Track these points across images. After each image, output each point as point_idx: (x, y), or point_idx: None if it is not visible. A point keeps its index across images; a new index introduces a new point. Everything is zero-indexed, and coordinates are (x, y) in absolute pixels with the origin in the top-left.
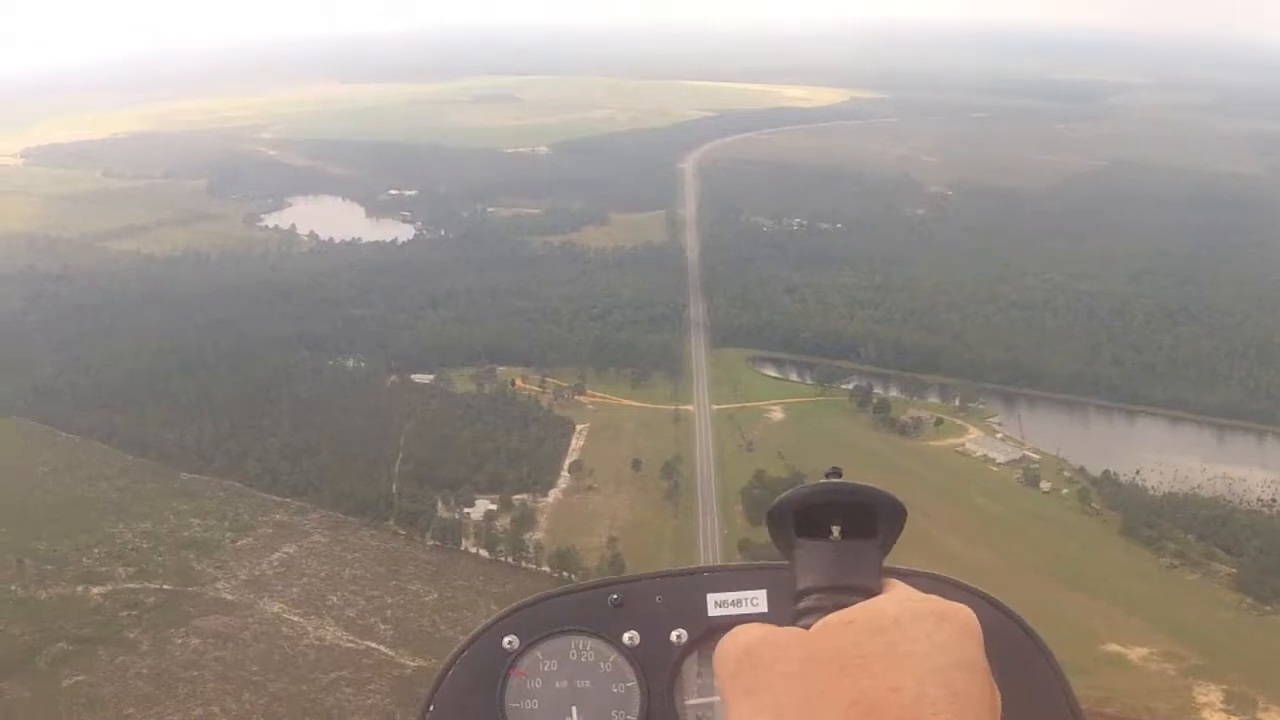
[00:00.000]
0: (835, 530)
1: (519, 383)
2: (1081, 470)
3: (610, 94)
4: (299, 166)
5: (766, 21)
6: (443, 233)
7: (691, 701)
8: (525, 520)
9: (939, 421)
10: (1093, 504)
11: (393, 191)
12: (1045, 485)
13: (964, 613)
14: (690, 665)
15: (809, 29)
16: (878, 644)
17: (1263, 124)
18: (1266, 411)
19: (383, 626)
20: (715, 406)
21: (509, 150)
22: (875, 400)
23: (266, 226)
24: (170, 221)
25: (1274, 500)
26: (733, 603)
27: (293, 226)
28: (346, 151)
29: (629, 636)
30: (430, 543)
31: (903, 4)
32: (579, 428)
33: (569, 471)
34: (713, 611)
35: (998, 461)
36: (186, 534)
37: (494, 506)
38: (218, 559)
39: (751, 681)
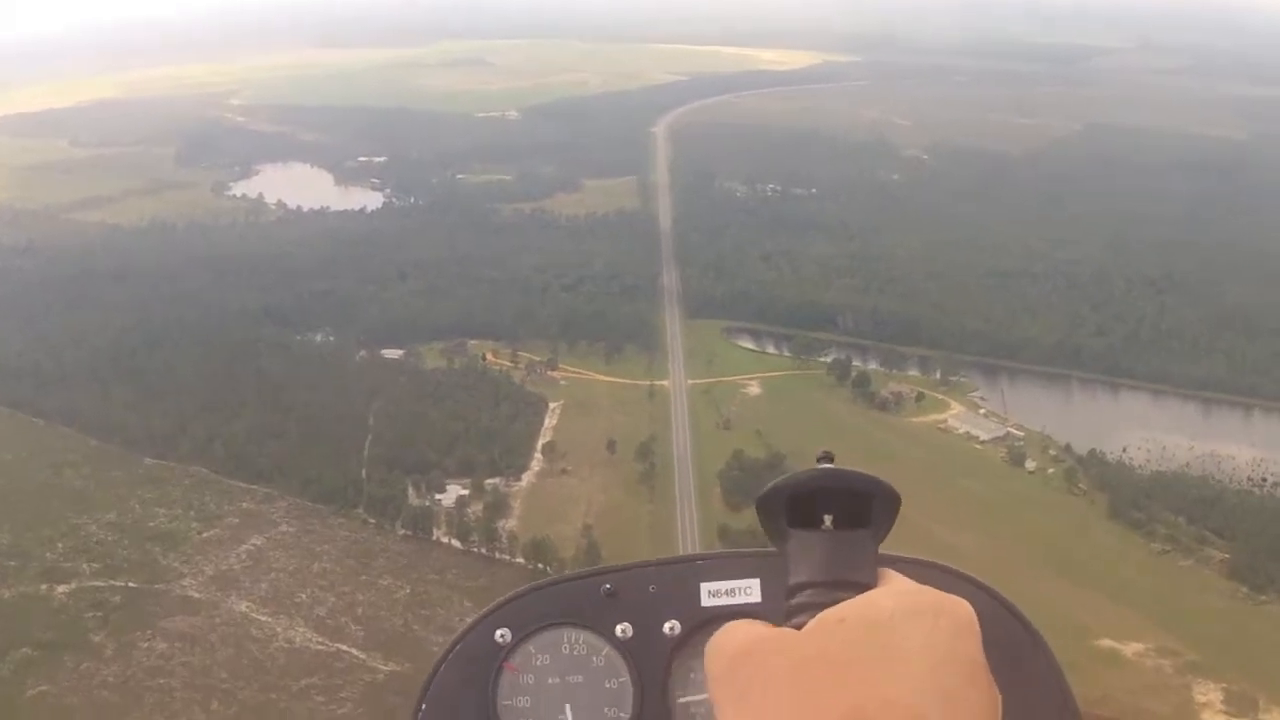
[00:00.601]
0: (827, 519)
1: (490, 357)
2: (1067, 448)
3: (582, 58)
4: (268, 133)
5: None
6: (412, 200)
7: (684, 699)
8: (498, 507)
9: (920, 397)
10: (1080, 484)
11: (362, 158)
12: (1030, 464)
13: (961, 607)
14: (683, 659)
15: None
16: (873, 645)
17: (1242, 87)
18: (1252, 385)
19: (354, 626)
20: (691, 381)
21: (480, 115)
22: (854, 374)
23: (235, 195)
24: (138, 191)
25: (1264, 479)
26: (726, 592)
27: (260, 195)
28: (316, 117)
29: (622, 629)
30: (401, 532)
31: None
32: (552, 405)
33: (542, 453)
34: (706, 602)
35: (981, 439)
36: (152, 525)
37: (466, 492)
38: (184, 553)
39: (743, 686)
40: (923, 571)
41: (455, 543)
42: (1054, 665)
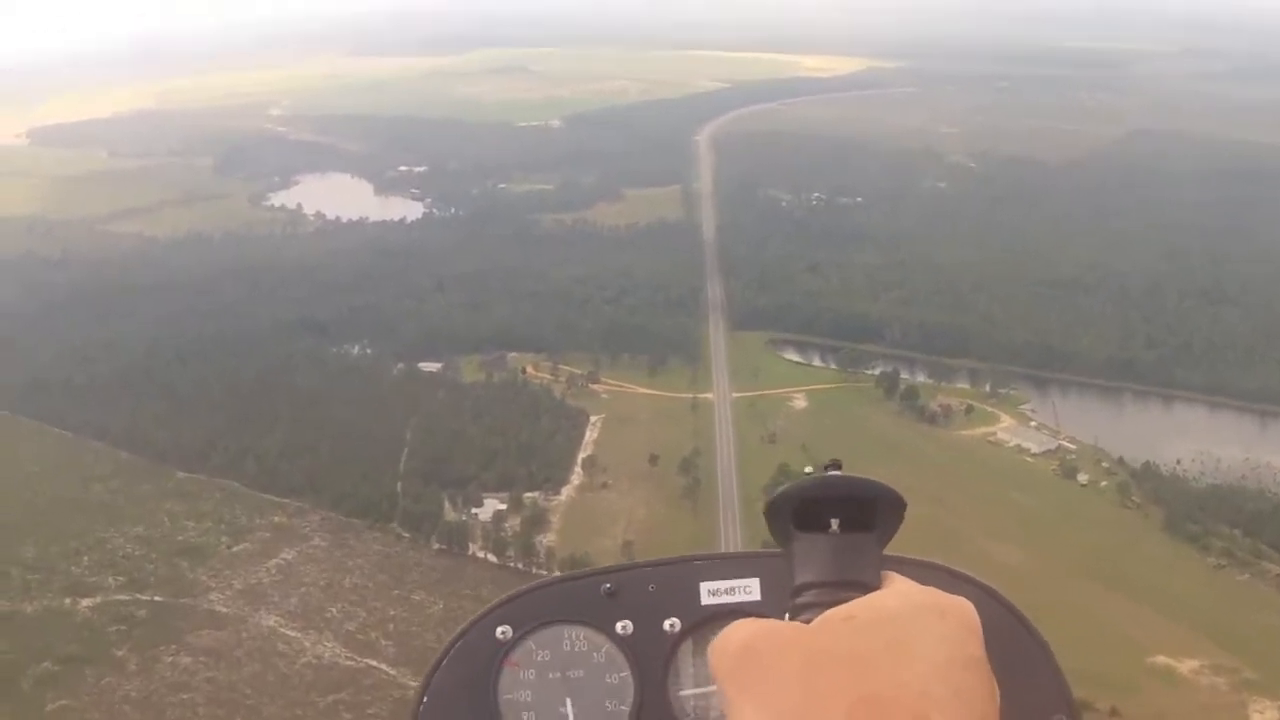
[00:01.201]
0: (834, 523)
1: (530, 370)
2: (1120, 461)
3: (623, 65)
4: (307, 143)
5: None
6: (452, 211)
7: (685, 692)
8: (536, 521)
9: (969, 409)
10: (1133, 497)
11: (402, 168)
12: (1083, 477)
13: (964, 606)
14: (684, 655)
15: None
16: (879, 640)
17: None
18: None
19: (384, 642)
20: (735, 394)
21: (521, 124)
22: (902, 387)
23: (273, 206)
24: (174, 202)
25: None
26: (726, 591)
27: (299, 206)
28: (356, 127)
29: (622, 626)
30: (436, 546)
31: None
32: (593, 419)
33: (582, 467)
34: (706, 600)
35: (1032, 452)
36: (180, 539)
37: (503, 506)
38: (212, 566)
39: (751, 679)
40: (926, 573)
41: (491, 557)
42: (1054, 665)
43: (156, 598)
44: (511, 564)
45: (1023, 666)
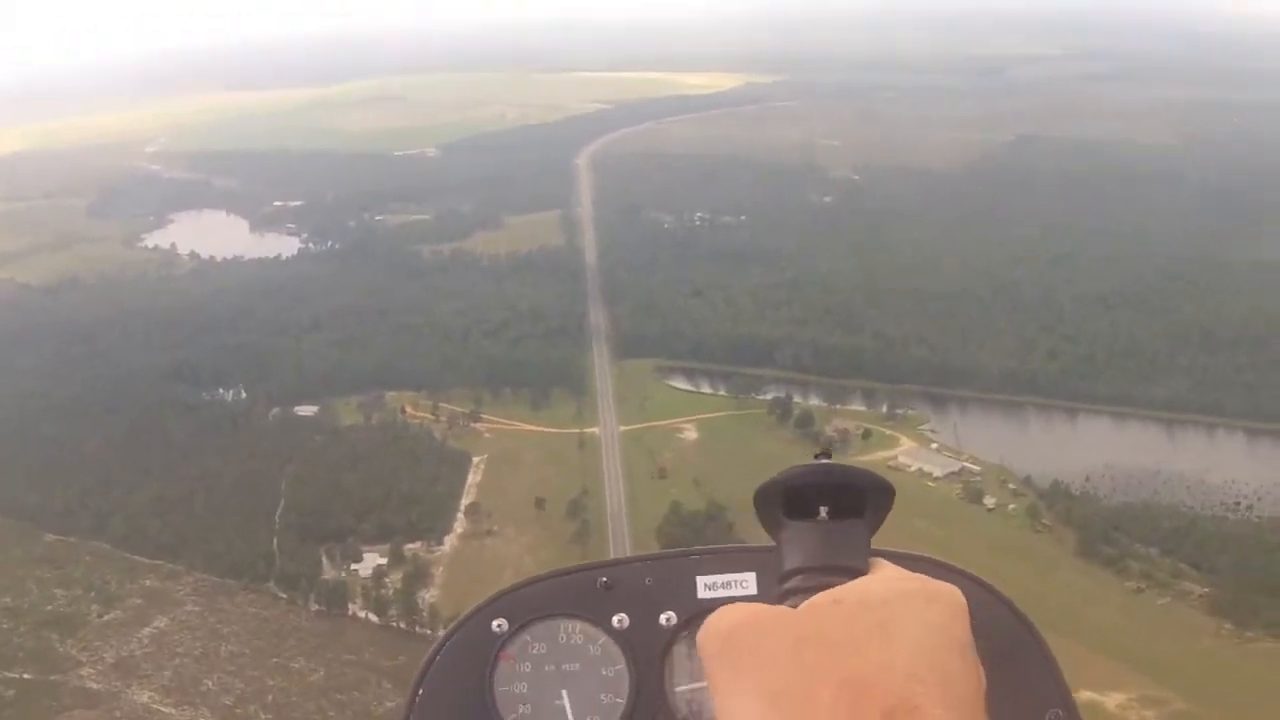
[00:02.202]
0: (823, 511)
1: (409, 410)
2: (1028, 481)
3: (502, 89)
4: (182, 181)
5: (660, 7)
6: (329, 245)
7: (681, 686)
8: (418, 576)
9: (866, 434)
10: (1044, 520)
11: (277, 203)
12: (990, 501)
13: (952, 592)
14: (680, 648)
15: (703, 15)
16: (867, 623)
17: (1168, 91)
18: (1215, 403)
19: (264, 716)
20: (623, 427)
21: (397, 153)
22: (796, 412)
23: (147, 247)
24: (48, 246)
25: (1237, 503)
26: (722, 585)
27: (173, 246)
28: (231, 163)
29: (618, 619)
30: (314, 608)
31: None
32: (475, 460)
33: (465, 514)
34: (702, 594)
35: (935, 476)
36: (49, 608)
37: (384, 561)
38: (83, 638)
39: (738, 661)
40: (914, 564)
41: (373, 617)
42: (1047, 653)
43: (25, 675)
44: (394, 623)
45: (1017, 660)
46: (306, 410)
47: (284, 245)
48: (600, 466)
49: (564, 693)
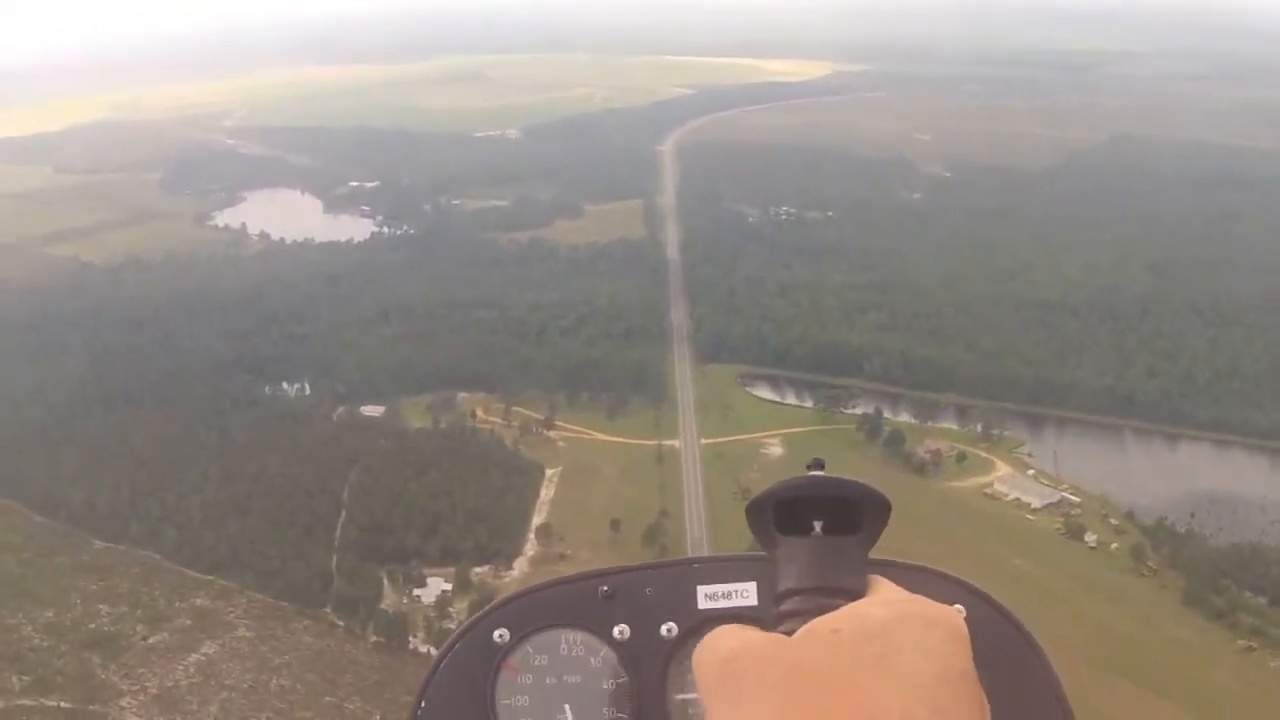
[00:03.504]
0: (817, 526)
1: (480, 414)
2: (1130, 516)
3: (586, 71)
4: (258, 157)
5: None
6: (403, 229)
7: (681, 696)
8: (485, 604)
9: (962, 457)
10: (1149, 563)
11: (353, 183)
12: (1091, 538)
13: (952, 618)
14: (680, 660)
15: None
16: (864, 655)
17: (1264, 92)
18: None
19: None
20: (704, 440)
21: (478, 134)
22: (886, 430)
23: (217, 226)
24: (117, 223)
25: None
26: (723, 595)
27: (243, 225)
28: (310, 139)
29: (619, 630)
30: (373, 639)
31: None
32: (549, 473)
33: (536, 535)
34: (703, 604)
35: (1033, 506)
36: (93, 626)
37: (449, 586)
38: (125, 663)
39: (733, 693)
40: (915, 576)
41: (435, 652)
42: (1049, 669)
43: (63, 703)
44: None
45: (1017, 673)
46: (373, 410)
47: (357, 228)
48: (680, 484)
49: (566, 707)
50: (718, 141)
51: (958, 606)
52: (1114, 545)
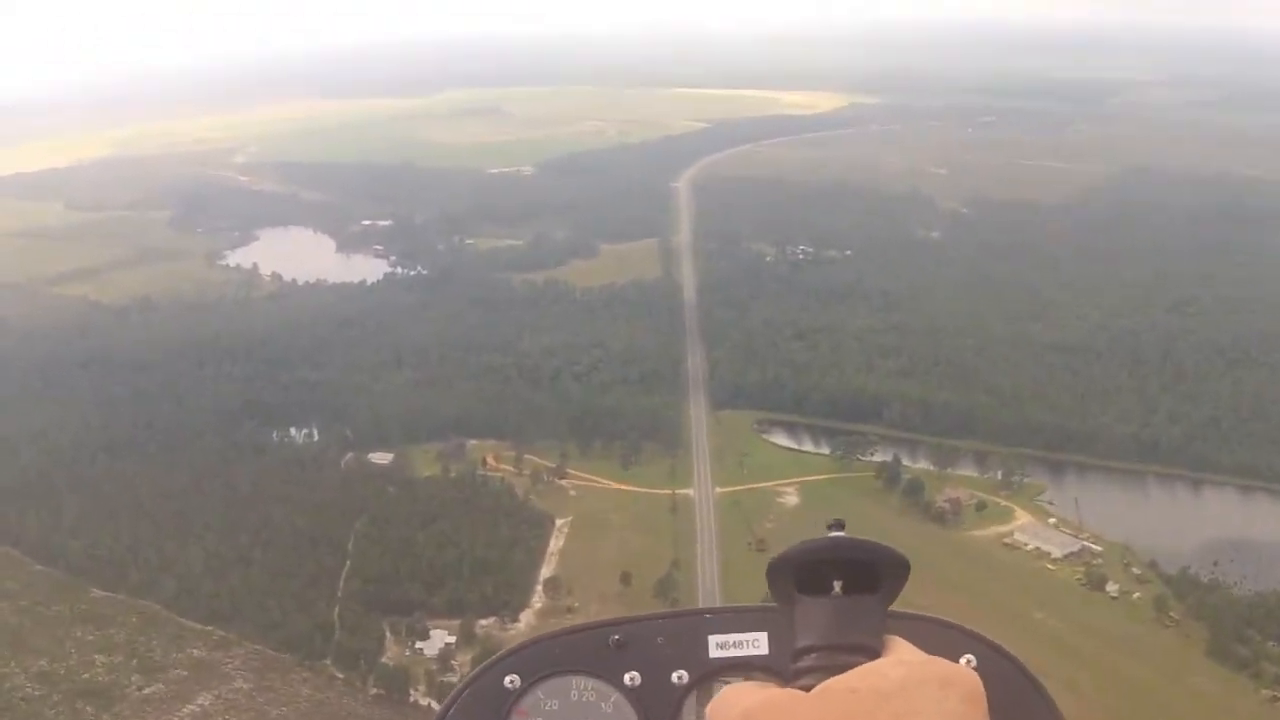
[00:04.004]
0: (837, 585)
1: (491, 461)
2: (1153, 566)
3: (599, 105)
4: (270, 194)
5: (760, 22)
6: (416, 270)
7: None
8: (488, 659)
9: (981, 505)
10: (1171, 614)
11: (365, 221)
12: (1112, 588)
13: (969, 679)
14: (690, 707)
15: (804, 30)
16: (881, 715)
17: (1276, 119)
18: None
19: None
20: (719, 489)
21: (492, 171)
22: (905, 478)
23: (228, 265)
24: (126, 262)
25: None
26: (734, 644)
27: (255, 266)
28: (321, 175)
29: (630, 677)
30: (373, 692)
31: (895, 3)
32: (559, 523)
33: (544, 588)
34: (714, 653)
35: (1054, 556)
36: (86, 676)
37: (452, 639)
38: (119, 713)
39: None
40: (933, 630)
41: (435, 706)
42: (1056, 714)
43: None
44: None
45: None
46: (381, 458)
47: (370, 268)
48: (694, 534)
49: None
50: (733, 177)
51: (968, 656)
52: (1136, 595)
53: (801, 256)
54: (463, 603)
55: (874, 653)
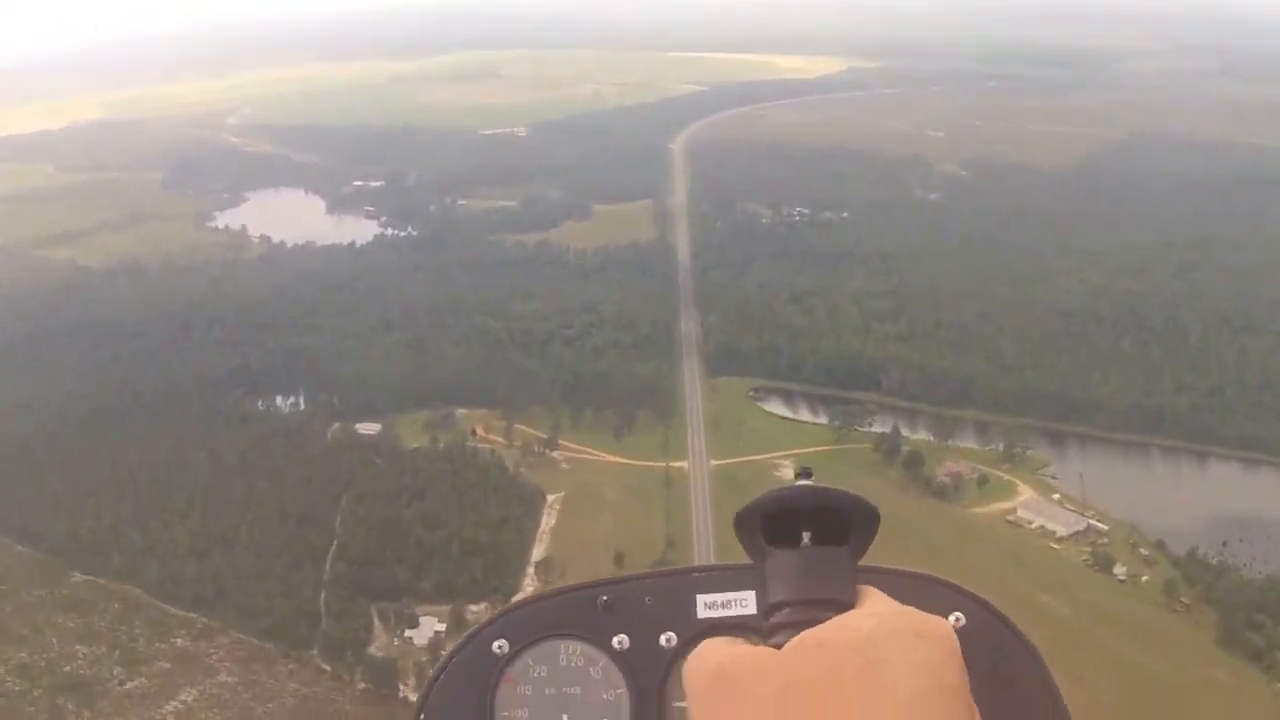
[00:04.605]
0: (806, 536)
1: (480, 432)
2: (1160, 546)
3: (597, 68)
4: (262, 155)
5: None
6: (407, 231)
7: (680, 705)
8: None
9: (983, 480)
10: (1181, 598)
11: (357, 183)
12: (1120, 570)
13: (942, 629)
14: (679, 670)
15: None
16: (852, 668)
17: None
18: None
19: None
20: (714, 462)
21: (486, 132)
22: (904, 450)
23: (218, 227)
24: (116, 224)
25: None
26: (722, 604)
27: (244, 228)
28: (314, 137)
29: (618, 640)
30: (361, 685)
31: None
32: (550, 499)
33: (536, 570)
34: (702, 613)
35: (1059, 535)
36: (68, 669)
37: (443, 627)
38: (100, 711)
39: (722, 704)
40: (909, 583)
41: None
42: (1045, 673)
43: None
44: None
45: (1015, 681)
46: (369, 428)
47: (360, 230)
48: (689, 509)
49: (564, 717)
50: (730, 139)
51: (956, 614)
52: (1144, 578)
53: (798, 218)
54: (452, 586)
55: (846, 606)
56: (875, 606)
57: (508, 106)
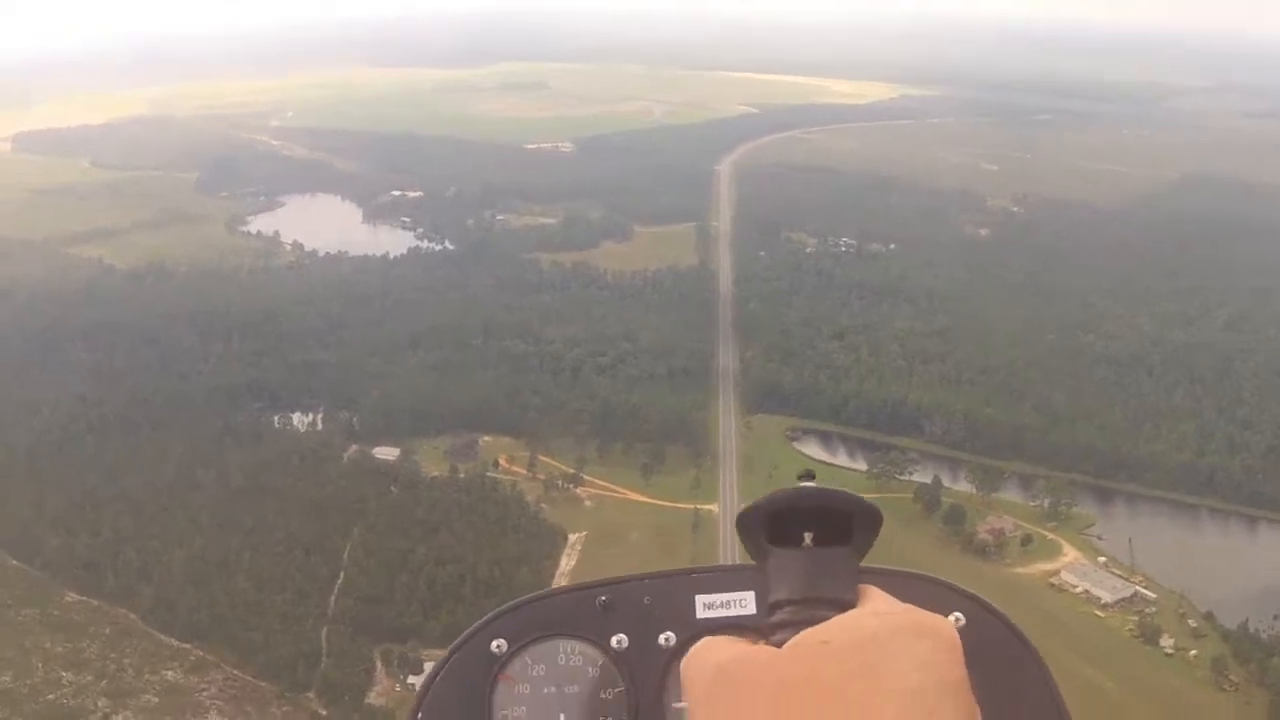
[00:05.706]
0: (808, 537)
1: (503, 462)
2: (1210, 618)
3: (645, 84)
4: (301, 159)
5: (812, 11)
6: (443, 245)
7: (678, 705)
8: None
9: (1027, 540)
10: (1230, 676)
11: (395, 192)
12: (1167, 643)
13: (943, 627)
14: (678, 669)
15: (856, 20)
16: (854, 666)
17: None
18: None
19: None
20: (746, 506)
21: (530, 146)
22: (946, 504)
23: (250, 232)
24: (147, 223)
25: None
26: (721, 604)
27: (276, 233)
28: (356, 143)
29: (617, 640)
30: None
31: None
32: (571, 539)
33: None
34: (701, 614)
35: (1104, 602)
36: (51, 697)
37: None
38: None
39: (722, 703)
40: (909, 584)
41: None
42: (1046, 674)
43: None
44: None
45: (1016, 682)
46: (387, 452)
47: (395, 241)
48: (717, 559)
49: (562, 716)
50: (777, 163)
51: (956, 614)
52: (1192, 652)
53: (844, 249)
54: (461, 630)
55: (848, 605)
56: (877, 605)
57: (554, 120)
